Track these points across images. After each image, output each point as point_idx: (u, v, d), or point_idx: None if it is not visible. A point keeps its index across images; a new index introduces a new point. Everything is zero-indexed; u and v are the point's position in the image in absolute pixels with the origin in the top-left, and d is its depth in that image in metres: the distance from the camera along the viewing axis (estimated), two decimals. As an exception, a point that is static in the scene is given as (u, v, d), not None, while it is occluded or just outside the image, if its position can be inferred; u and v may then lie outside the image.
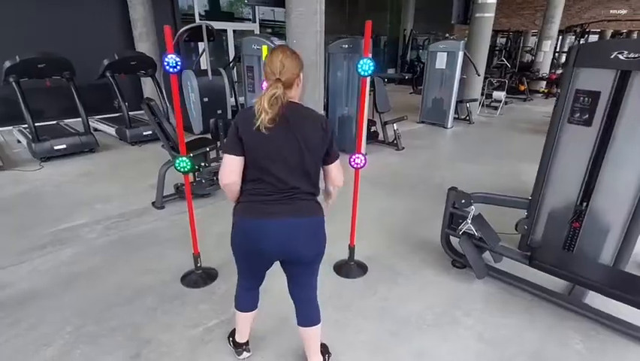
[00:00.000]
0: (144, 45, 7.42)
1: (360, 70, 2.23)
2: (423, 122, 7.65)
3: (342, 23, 13.76)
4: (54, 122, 6.35)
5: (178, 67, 2.14)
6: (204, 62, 6.10)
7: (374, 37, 15.97)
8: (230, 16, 10.59)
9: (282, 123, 1.45)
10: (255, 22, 10.79)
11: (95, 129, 6.63)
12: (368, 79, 2.41)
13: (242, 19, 10.95)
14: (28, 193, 4.10)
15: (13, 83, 4.86)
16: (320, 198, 1.67)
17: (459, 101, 7.49)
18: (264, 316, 2.21)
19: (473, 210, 2.60)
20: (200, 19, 9.25)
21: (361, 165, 2.43)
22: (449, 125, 7.32)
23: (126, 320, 2.27)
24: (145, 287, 2.56)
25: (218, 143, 4.00)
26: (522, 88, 10.86)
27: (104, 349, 2.05)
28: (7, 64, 4.75)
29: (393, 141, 5.90)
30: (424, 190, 4.23)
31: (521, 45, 13.81)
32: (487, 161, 5.39)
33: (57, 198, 4.00)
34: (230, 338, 2.04)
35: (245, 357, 1.98)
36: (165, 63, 2.10)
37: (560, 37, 12.55)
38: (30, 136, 5.06)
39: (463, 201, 2.63)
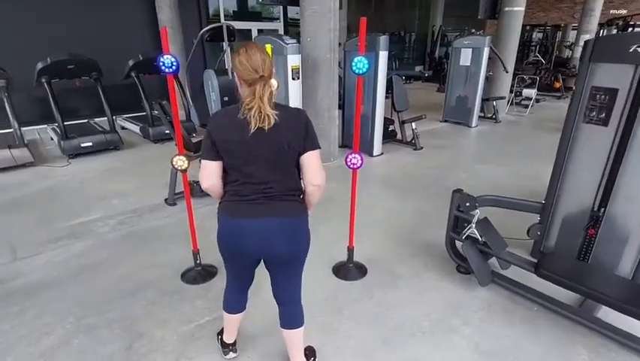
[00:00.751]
0: (171, 46, 7.63)
1: (354, 68, 2.18)
2: (446, 120, 7.41)
3: (368, 20, 13.57)
4: (85, 120, 6.68)
5: (174, 67, 2.18)
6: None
7: (401, 34, 15.74)
8: (258, 16, 10.72)
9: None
10: (280, 21, 10.88)
11: (123, 127, 6.94)
12: (382, 77, 2.33)
13: (272, 19, 11.07)
14: (54, 188, 4.33)
15: (45, 84, 5.14)
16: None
17: (485, 99, 7.19)
18: (256, 317, 2.22)
19: (478, 213, 2.49)
20: (226, 19, 9.43)
21: (358, 165, 2.36)
22: (473, 124, 7.05)
23: (125, 312, 2.34)
24: (147, 281, 2.63)
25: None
26: (557, 85, 10.30)
27: (100, 340, 2.12)
28: (40, 65, 5.03)
29: (411, 141, 5.75)
30: (437, 192, 4.08)
31: (557, 40, 13.06)
32: (509, 161, 5.14)
33: (79, 193, 4.19)
34: (219, 336, 2.05)
35: (231, 357, 1.98)
36: (161, 63, 2.14)
37: (602, 31, 11.76)
38: (60, 133, 5.34)
39: (468, 204, 2.52)
